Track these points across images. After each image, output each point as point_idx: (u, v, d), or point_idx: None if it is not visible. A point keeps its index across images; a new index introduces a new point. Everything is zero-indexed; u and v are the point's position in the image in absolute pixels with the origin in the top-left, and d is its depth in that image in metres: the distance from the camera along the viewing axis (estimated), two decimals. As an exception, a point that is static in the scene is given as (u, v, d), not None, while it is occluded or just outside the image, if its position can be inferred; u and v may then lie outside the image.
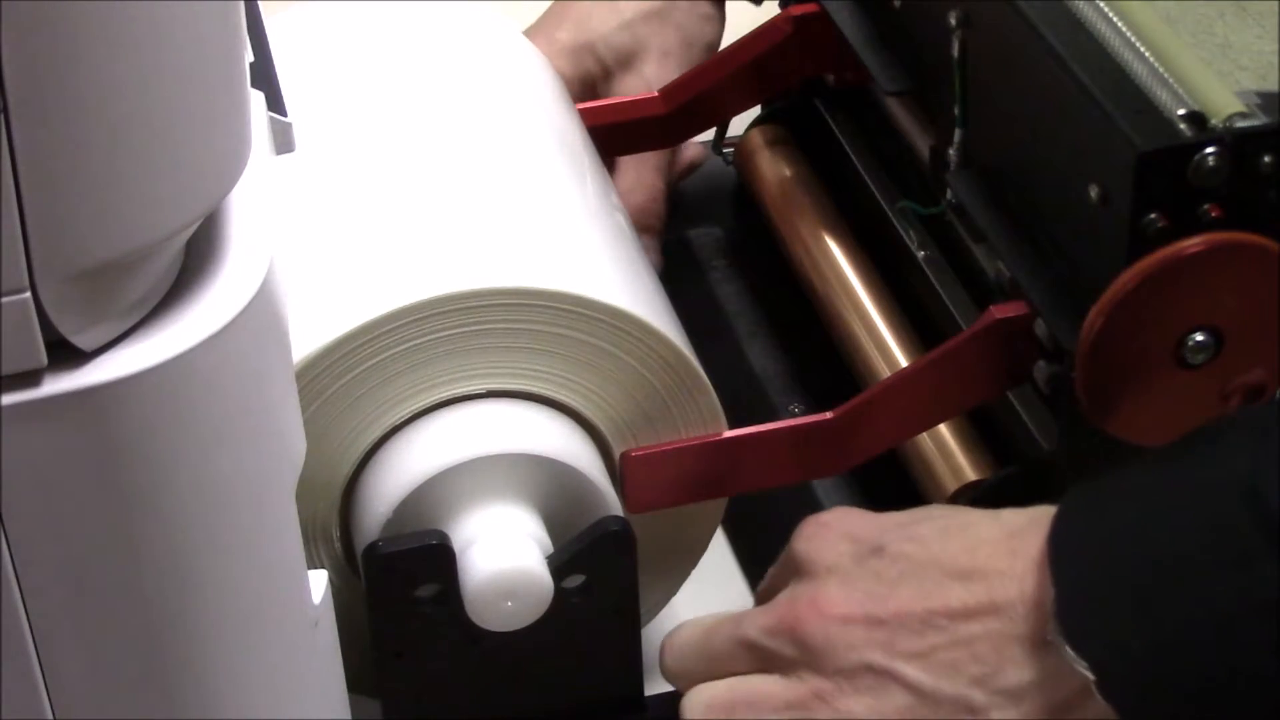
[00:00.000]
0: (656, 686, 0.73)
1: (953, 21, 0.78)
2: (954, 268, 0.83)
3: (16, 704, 0.54)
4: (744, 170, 0.98)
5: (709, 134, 0.98)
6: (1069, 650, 0.61)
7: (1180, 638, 0.59)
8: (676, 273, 0.94)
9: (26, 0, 0.45)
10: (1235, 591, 0.59)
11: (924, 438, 0.80)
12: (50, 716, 0.54)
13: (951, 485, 0.79)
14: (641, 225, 0.91)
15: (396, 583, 0.68)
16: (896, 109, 0.87)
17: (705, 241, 0.98)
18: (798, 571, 0.69)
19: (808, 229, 0.92)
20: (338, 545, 0.72)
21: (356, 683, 0.66)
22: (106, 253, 0.49)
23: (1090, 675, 0.61)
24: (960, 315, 0.81)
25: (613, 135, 0.91)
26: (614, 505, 0.71)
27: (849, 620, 0.67)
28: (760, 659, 0.69)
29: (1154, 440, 0.70)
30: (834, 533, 0.70)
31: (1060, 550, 0.62)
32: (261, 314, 0.53)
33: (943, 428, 0.80)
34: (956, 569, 0.65)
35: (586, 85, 0.94)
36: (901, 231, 0.86)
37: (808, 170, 0.95)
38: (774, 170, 0.96)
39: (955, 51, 0.78)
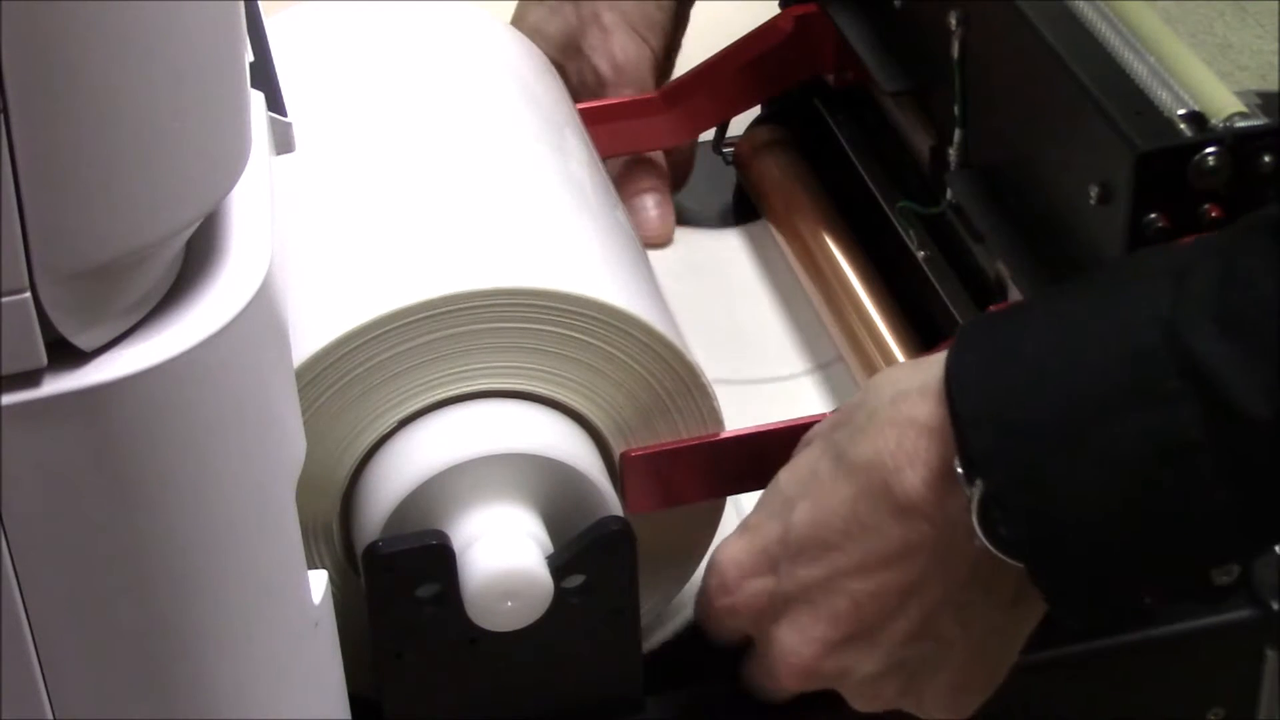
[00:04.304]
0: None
1: (953, 22, 0.78)
2: (954, 268, 0.83)
3: (16, 704, 0.54)
4: (744, 170, 0.98)
5: (709, 134, 0.98)
6: (960, 473, 0.60)
7: (1086, 475, 0.58)
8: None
9: (27, 1, 0.45)
10: (1149, 432, 0.57)
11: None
12: (50, 716, 0.54)
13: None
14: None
15: (396, 583, 0.68)
16: (896, 109, 0.87)
17: (705, 241, 0.98)
18: None
19: (807, 229, 0.92)
20: (338, 545, 0.72)
21: (356, 683, 0.66)
22: (107, 253, 0.49)
23: (975, 499, 0.60)
24: (960, 315, 0.81)
25: (613, 135, 0.91)
26: (614, 505, 0.71)
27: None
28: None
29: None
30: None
31: (960, 379, 0.61)
32: (261, 314, 0.53)
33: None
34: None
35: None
36: (901, 231, 0.86)
37: (808, 170, 0.95)
38: (774, 170, 0.96)
39: (955, 51, 0.78)
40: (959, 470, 0.61)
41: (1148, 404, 0.57)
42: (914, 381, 0.63)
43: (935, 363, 0.63)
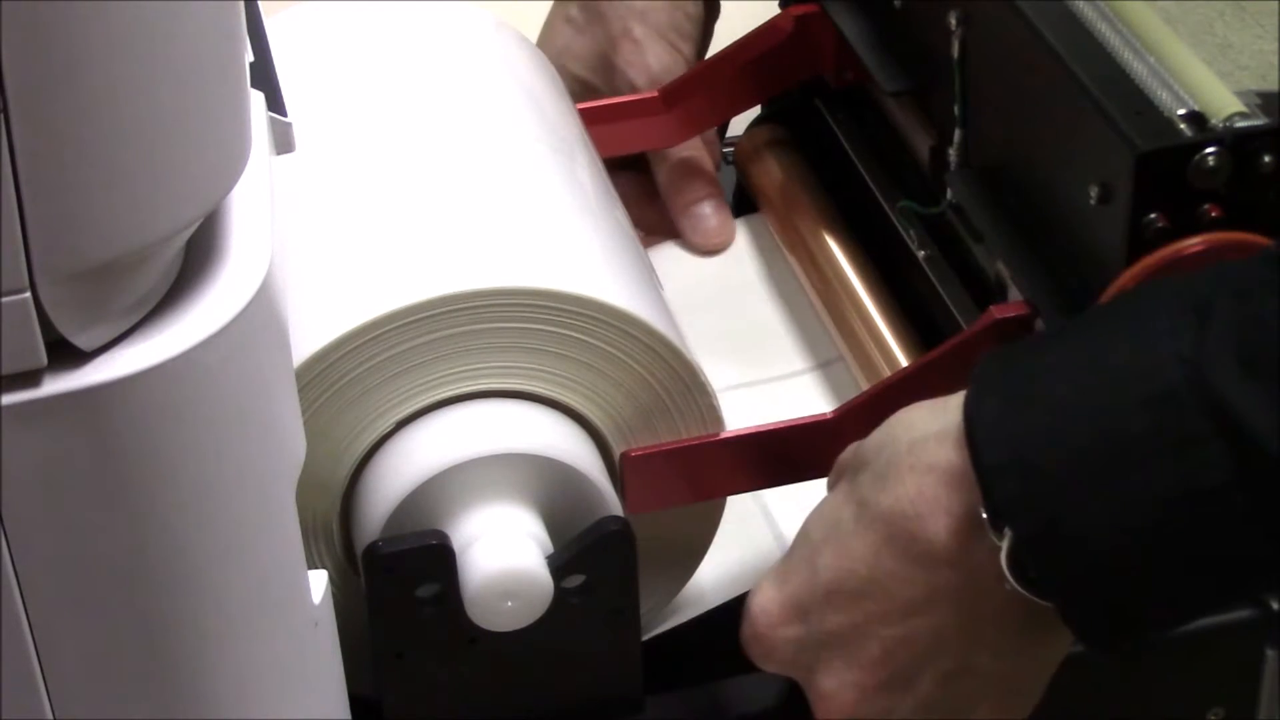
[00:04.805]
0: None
1: (953, 21, 0.78)
2: (954, 268, 0.83)
3: (16, 704, 0.54)
4: (744, 170, 0.98)
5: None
6: (985, 518, 0.60)
7: (1116, 519, 0.58)
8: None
9: (27, 1, 0.45)
10: (1179, 474, 0.57)
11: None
12: (50, 716, 0.54)
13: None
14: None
15: (396, 583, 0.68)
16: (896, 109, 0.87)
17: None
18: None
19: (808, 229, 0.92)
20: (338, 545, 0.72)
21: (356, 683, 0.66)
22: (106, 253, 0.49)
23: (1003, 548, 0.59)
24: (960, 315, 0.81)
25: (613, 135, 0.91)
26: (614, 505, 0.71)
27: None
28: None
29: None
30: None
31: (981, 425, 0.60)
32: (261, 314, 0.53)
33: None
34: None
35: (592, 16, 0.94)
36: (901, 231, 0.86)
37: (808, 170, 0.95)
38: (774, 170, 0.96)
39: (955, 51, 0.78)
40: (986, 519, 0.60)
41: (1175, 446, 0.57)
42: (932, 426, 0.63)
43: (953, 406, 0.62)
